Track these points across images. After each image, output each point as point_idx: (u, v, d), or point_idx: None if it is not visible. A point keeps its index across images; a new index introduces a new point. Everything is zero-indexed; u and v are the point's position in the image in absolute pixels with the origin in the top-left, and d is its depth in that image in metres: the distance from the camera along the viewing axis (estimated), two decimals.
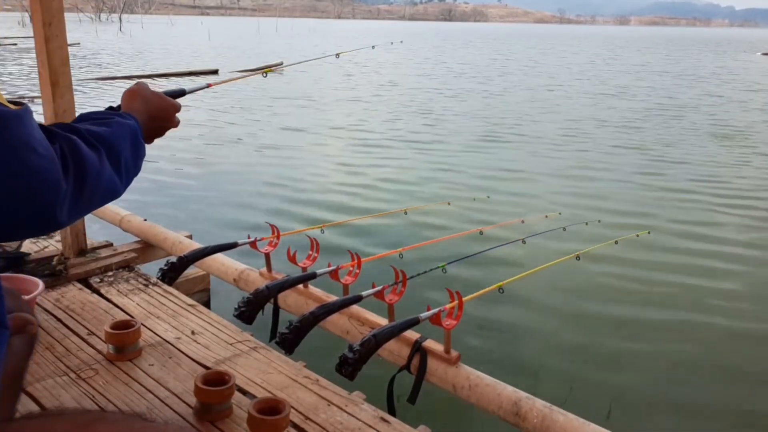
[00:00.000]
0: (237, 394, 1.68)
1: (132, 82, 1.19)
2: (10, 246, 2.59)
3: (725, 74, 23.04)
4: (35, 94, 12.17)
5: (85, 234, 2.73)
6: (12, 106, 0.75)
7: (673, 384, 3.09)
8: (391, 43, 4.13)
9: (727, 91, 17.25)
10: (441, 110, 12.54)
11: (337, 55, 2.40)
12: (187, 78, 17.39)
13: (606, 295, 4.11)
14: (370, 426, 1.63)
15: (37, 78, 2.52)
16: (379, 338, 1.76)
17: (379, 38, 52.40)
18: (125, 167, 0.96)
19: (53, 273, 2.45)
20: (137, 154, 1.01)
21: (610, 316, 3.83)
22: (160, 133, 1.19)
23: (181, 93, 1.35)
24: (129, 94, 1.15)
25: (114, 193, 0.93)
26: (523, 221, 4.24)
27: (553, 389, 2.92)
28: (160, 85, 14.19)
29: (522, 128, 10.64)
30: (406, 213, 4.18)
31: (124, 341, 1.88)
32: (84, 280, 2.51)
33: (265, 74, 2.08)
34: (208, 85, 1.62)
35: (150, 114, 1.13)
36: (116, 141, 0.94)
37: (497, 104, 13.78)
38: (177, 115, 1.24)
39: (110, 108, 1.17)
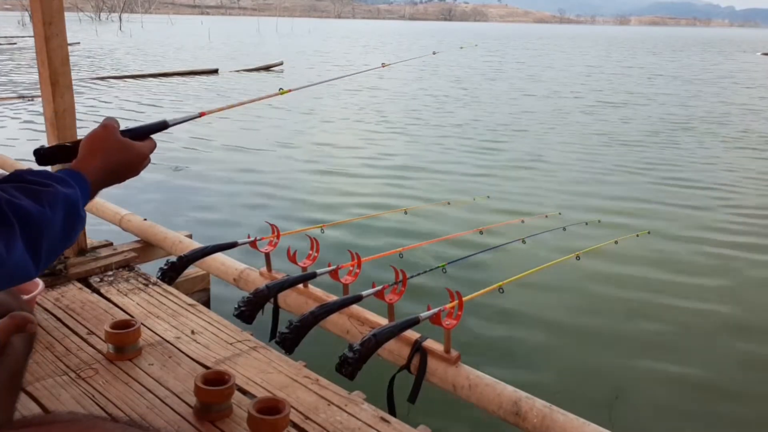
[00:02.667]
0: (237, 394, 1.68)
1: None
2: None
3: (743, 79, 22.01)
4: (35, 93, 12.17)
5: (85, 233, 2.73)
6: None
7: (673, 384, 3.09)
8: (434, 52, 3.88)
9: (742, 98, 17.24)
10: (442, 110, 12.54)
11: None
12: (187, 77, 17.38)
13: (606, 295, 4.11)
14: (370, 426, 1.63)
15: (37, 77, 2.52)
16: (379, 338, 1.76)
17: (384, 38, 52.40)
18: (47, 249, 0.82)
19: (53, 272, 2.45)
20: (69, 231, 0.87)
21: (610, 316, 3.83)
22: (120, 182, 1.06)
23: (162, 126, 1.16)
24: (89, 145, 1.00)
25: (21, 279, 0.80)
26: (523, 221, 4.24)
27: (553, 389, 2.91)
28: (151, 97, 14.15)
29: (522, 128, 10.64)
30: (406, 213, 4.18)
31: (124, 341, 1.87)
32: (84, 280, 2.51)
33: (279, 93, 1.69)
34: (201, 114, 1.33)
35: (110, 169, 1.00)
36: (41, 221, 0.81)
37: (497, 104, 13.78)
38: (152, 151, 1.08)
39: (64, 148, 1.03)
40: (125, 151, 1.03)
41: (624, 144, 9.38)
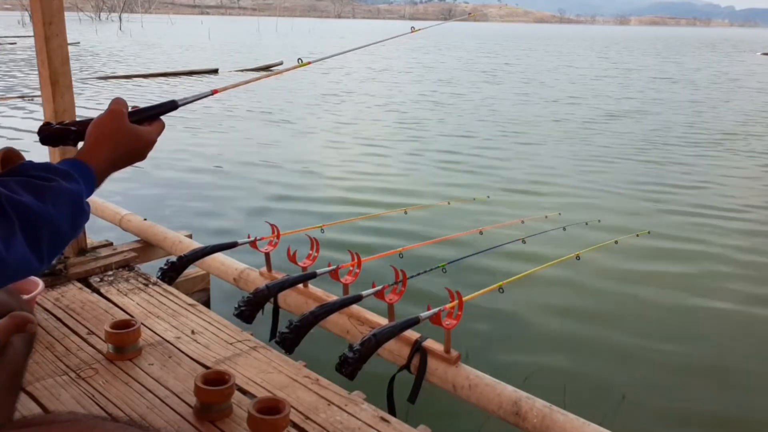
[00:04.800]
0: (237, 394, 1.68)
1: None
2: None
3: (755, 83, 20.63)
4: (34, 93, 12.17)
5: (84, 233, 2.73)
6: None
7: (672, 384, 3.09)
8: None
9: (755, 104, 17.20)
10: (441, 110, 12.53)
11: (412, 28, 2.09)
12: (186, 77, 17.37)
13: (606, 294, 4.11)
14: (370, 426, 1.63)
15: (37, 77, 2.52)
16: (379, 338, 1.76)
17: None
18: (50, 245, 0.81)
19: (53, 272, 2.45)
20: (73, 225, 0.86)
21: (610, 316, 3.83)
22: (125, 167, 1.02)
23: (171, 107, 1.11)
24: (97, 134, 0.96)
25: (25, 274, 0.79)
26: (523, 221, 4.23)
27: (553, 389, 2.91)
28: (151, 97, 14.13)
29: (522, 128, 10.64)
30: (406, 213, 4.17)
31: (124, 341, 1.87)
32: (84, 280, 2.51)
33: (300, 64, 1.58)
34: (214, 92, 1.28)
35: (117, 158, 0.97)
36: (42, 217, 0.80)
37: (496, 104, 13.78)
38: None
39: (69, 132, 1.00)
40: (133, 141, 0.99)
41: (624, 144, 9.38)
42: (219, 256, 2.60)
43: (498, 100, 14.54)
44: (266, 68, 20.51)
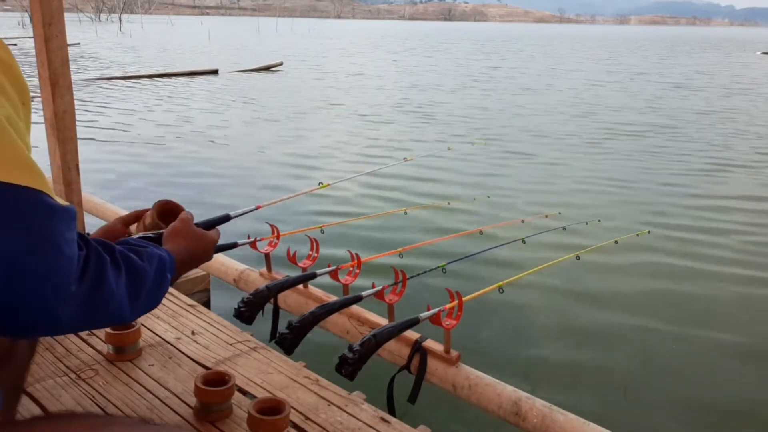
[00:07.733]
0: (237, 394, 1.68)
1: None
2: None
3: None
4: (35, 94, 12.17)
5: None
6: (62, 202, 0.80)
7: (672, 383, 3.09)
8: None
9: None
10: (441, 109, 12.54)
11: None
12: (187, 78, 17.37)
13: (606, 294, 4.11)
14: (370, 426, 1.63)
15: (37, 78, 2.52)
16: (379, 338, 1.76)
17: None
18: (143, 298, 0.96)
19: None
20: (158, 286, 1.01)
21: (610, 315, 3.83)
22: (194, 267, 1.27)
23: (225, 219, 1.53)
24: (172, 233, 1.23)
25: (120, 318, 0.92)
26: (522, 221, 4.24)
27: (553, 389, 2.92)
28: (154, 93, 14.12)
29: (521, 127, 10.64)
30: (406, 213, 4.18)
31: (124, 341, 1.88)
32: None
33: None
34: (257, 207, 1.74)
35: (190, 253, 1.21)
36: (142, 271, 0.96)
37: (496, 103, 13.78)
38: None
39: (148, 238, 1.24)
40: (200, 239, 1.26)
41: (625, 143, 9.38)
42: (219, 257, 2.61)
43: (499, 101, 14.54)
44: (267, 68, 20.53)
